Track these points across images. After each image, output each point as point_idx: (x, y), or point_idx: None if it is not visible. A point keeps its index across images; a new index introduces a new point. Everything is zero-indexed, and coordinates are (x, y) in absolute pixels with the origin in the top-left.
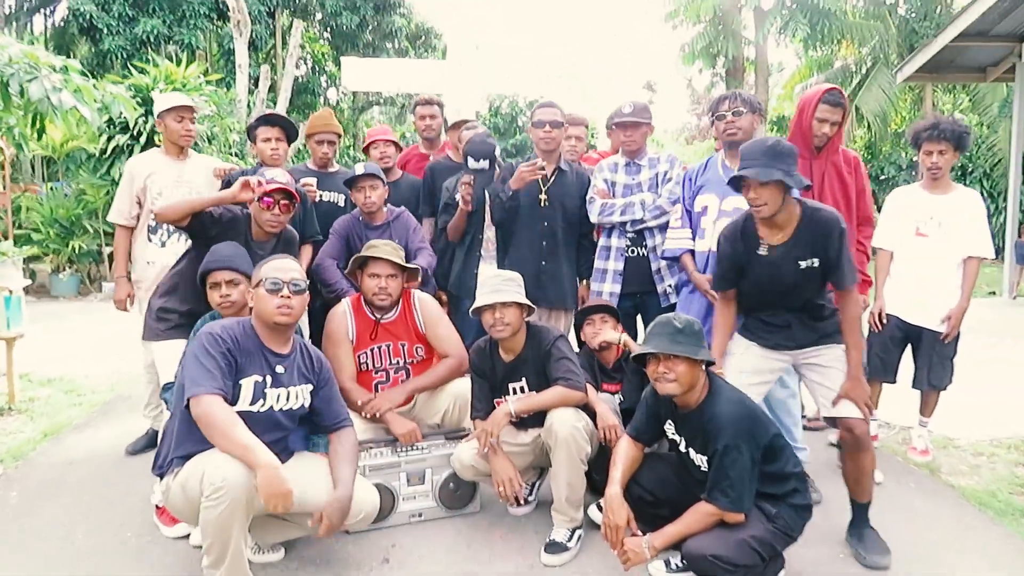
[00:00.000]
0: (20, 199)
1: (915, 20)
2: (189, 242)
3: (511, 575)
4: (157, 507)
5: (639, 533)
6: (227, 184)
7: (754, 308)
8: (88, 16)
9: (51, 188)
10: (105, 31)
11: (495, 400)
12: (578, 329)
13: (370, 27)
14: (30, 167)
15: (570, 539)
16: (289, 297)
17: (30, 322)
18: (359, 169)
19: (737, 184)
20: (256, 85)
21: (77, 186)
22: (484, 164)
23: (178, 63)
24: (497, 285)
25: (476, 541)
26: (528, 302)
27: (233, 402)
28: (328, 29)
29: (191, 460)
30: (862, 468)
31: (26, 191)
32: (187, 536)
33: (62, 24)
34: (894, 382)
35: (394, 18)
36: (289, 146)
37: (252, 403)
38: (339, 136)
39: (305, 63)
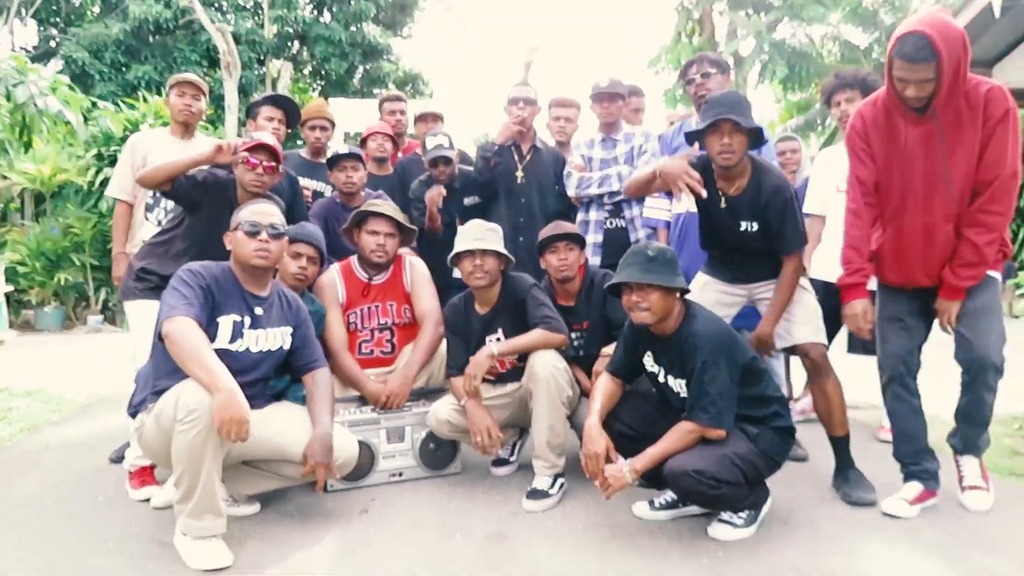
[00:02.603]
0: (7, 235)
1: None
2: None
3: (493, 524)
4: (129, 472)
5: (619, 461)
6: None
7: (714, 246)
8: (81, 63)
9: (39, 231)
10: (97, 77)
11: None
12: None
13: (359, 73)
14: (19, 201)
15: (552, 486)
16: (267, 241)
17: (12, 349)
18: (342, 149)
19: (696, 136)
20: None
21: (64, 220)
22: (443, 139)
23: None
24: (480, 234)
25: (457, 496)
26: (508, 254)
27: (211, 339)
28: (318, 76)
29: (166, 392)
30: (828, 396)
31: (11, 230)
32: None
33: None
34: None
35: (382, 64)
36: (289, 131)
37: (231, 341)
38: (332, 124)
39: None
